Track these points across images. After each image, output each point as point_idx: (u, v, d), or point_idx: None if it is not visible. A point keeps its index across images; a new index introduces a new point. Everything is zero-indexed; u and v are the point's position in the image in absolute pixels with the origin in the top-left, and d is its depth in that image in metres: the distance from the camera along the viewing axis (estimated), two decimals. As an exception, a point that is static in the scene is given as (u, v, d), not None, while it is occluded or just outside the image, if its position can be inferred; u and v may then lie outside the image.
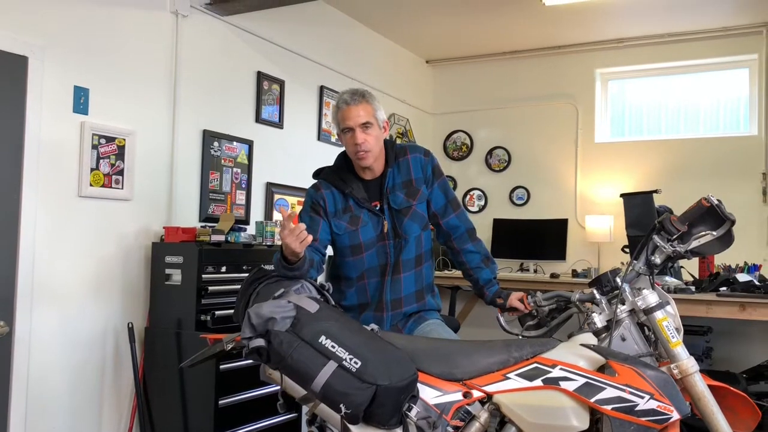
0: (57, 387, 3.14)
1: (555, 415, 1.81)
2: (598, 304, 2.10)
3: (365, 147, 2.35)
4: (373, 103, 2.40)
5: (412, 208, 2.46)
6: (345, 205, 2.44)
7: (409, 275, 2.47)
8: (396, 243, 2.44)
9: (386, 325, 2.44)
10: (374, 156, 2.40)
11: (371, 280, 2.46)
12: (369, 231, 2.42)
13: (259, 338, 1.84)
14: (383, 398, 1.78)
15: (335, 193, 2.45)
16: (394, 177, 2.47)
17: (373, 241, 2.43)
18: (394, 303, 2.45)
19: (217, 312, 3.28)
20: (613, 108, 5.94)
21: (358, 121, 2.34)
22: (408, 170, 2.48)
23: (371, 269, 2.45)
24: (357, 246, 2.43)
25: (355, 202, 2.43)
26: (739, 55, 5.34)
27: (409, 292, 2.47)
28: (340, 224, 2.43)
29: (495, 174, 6.23)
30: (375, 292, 2.46)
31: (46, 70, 3.06)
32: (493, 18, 5.24)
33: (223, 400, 3.19)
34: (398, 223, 2.44)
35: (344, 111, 2.36)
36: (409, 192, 2.46)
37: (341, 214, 2.43)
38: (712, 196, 2.03)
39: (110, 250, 3.38)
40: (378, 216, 2.43)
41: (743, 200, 5.14)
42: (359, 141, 2.34)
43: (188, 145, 3.82)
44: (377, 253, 2.44)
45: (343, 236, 2.43)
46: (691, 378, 1.92)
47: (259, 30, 4.33)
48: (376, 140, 2.38)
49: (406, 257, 2.46)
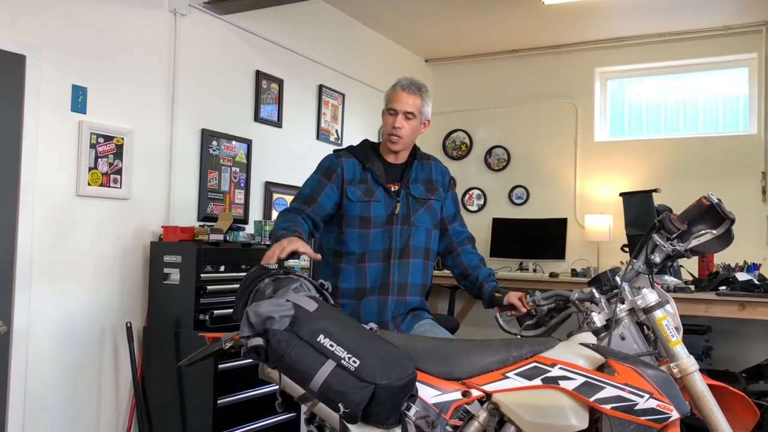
0: (55, 386, 3.14)
1: (554, 415, 1.81)
2: (598, 303, 2.09)
3: (400, 133, 2.50)
4: (424, 99, 2.56)
5: (429, 201, 2.58)
6: (363, 177, 2.54)
7: (418, 263, 2.52)
8: (403, 230, 2.49)
9: (389, 312, 2.45)
10: (404, 144, 2.55)
11: (372, 264, 2.48)
12: (380, 208, 2.49)
13: (257, 337, 1.83)
14: (382, 397, 1.78)
15: (356, 164, 2.56)
16: (418, 172, 2.60)
17: (382, 221, 2.49)
18: (401, 288, 2.47)
19: (215, 311, 3.29)
20: (612, 107, 5.94)
21: (404, 108, 2.50)
22: (430, 171, 2.64)
23: (374, 252, 2.48)
24: (366, 219, 2.49)
25: (372, 177, 2.53)
26: (738, 54, 5.33)
27: (415, 281, 2.51)
28: (355, 191, 2.51)
29: (494, 173, 6.22)
30: (376, 277, 2.47)
31: (43, 69, 3.06)
32: (493, 17, 5.23)
33: (221, 399, 3.19)
34: (413, 211, 2.52)
35: (397, 93, 2.54)
36: (429, 188, 2.59)
37: (358, 183, 2.53)
38: (711, 195, 2.02)
39: (108, 250, 3.37)
40: (392, 198, 2.51)
41: (743, 199, 5.14)
42: (397, 125, 2.50)
43: (187, 144, 3.81)
44: (383, 235, 2.48)
45: (355, 204, 2.50)
46: (690, 377, 1.92)
47: (257, 29, 4.33)
48: (412, 131, 2.54)
49: (417, 244, 2.52)
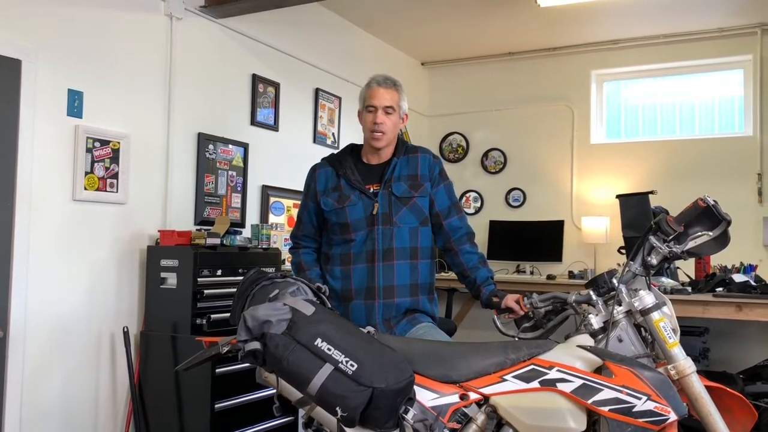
0: (52, 391, 3.12)
1: (552, 417, 1.81)
2: (595, 306, 2.09)
3: (382, 128, 2.50)
4: (400, 93, 2.57)
5: (413, 199, 2.54)
6: (336, 184, 2.56)
7: (403, 264, 2.50)
8: (386, 230, 2.48)
9: (378, 316, 2.45)
10: (387, 140, 2.54)
11: (357, 266, 2.49)
12: (358, 211, 2.50)
13: (254, 341, 1.83)
14: (380, 401, 1.78)
15: (329, 172, 2.58)
16: (401, 168, 2.57)
17: (362, 224, 2.49)
18: (387, 291, 2.47)
19: (212, 315, 3.28)
20: (608, 109, 5.95)
21: (382, 103, 2.51)
22: (416, 166, 2.58)
23: (358, 254, 2.49)
24: (344, 225, 2.51)
25: (346, 182, 2.54)
26: (733, 56, 5.35)
27: (402, 282, 2.49)
28: (327, 201, 2.55)
29: (491, 176, 6.23)
30: (361, 279, 2.48)
31: (39, 73, 3.05)
32: (488, 20, 5.24)
33: (219, 403, 3.18)
34: (395, 210, 2.50)
35: (373, 90, 2.53)
36: (413, 185, 2.55)
37: (330, 192, 2.56)
38: (708, 197, 2.02)
39: (105, 254, 3.37)
40: (370, 198, 2.51)
41: (739, 201, 5.15)
42: (378, 121, 2.50)
43: (183, 148, 3.81)
44: (366, 238, 2.49)
45: (330, 213, 2.54)
46: (688, 379, 1.92)
47: (254, 33, 4.33)
48: (393, 126, 2.54)
49: (400, 245, 2.50)
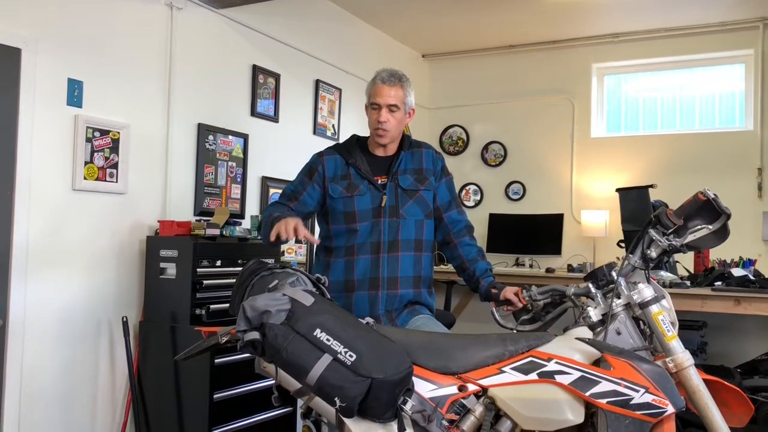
0: (51, 380, 3.13)
1: (550, 409, 1.81)
2: (594, 298, 2.09)
3: (386, 126, 2.49)
4: (406, 89, 2.53)
5: (419, 192, 2.54)
6: (345, 173, 2.54)
7: (408, 256, 2.50)
8: (392, 222, 2.48)
9: (381, 307, 2.44)
10: (391, 137, 2.53)
11: (361, 257, 2.47)
12: (366, 201, 2.49)
13: (253, 331, 1.83)
14: (378, 391, 1.78)
15: (338, 160, 2.56)
16: (407, 162, 2.57)
17: (368, 214, 2.48)
18: (391, 282, 2.46)
19: (212, 306, 3.28)
20: (609, 103, 5.94)
21: (387, 101, 2.48)
22: (420, 160, 2.60)
23: (363, 245, 2.48)
24: (351, 214, 2.49)
25: (356, 172, 2.53)
26: (735, 50, 5.34)
27: (406, 274, 2.49)
28: (336, 188, 2.52)
29: (491, 169, 6.22)
30: (365, 270, 2.47)
31: (39, 62, 3.04)
32: (490, 12, 5.23)
33: (217, 393, 3.19)
34: (401, 202, 2.51)
35: (377, 87, 2.50)
36: (419, 178, 2.56)
37: (339, 179, 2.53)
38: (708, 190, 2.02)
39: (104, 244, 3.37)
40: (378, 190, 2.50)
41: (739, 195, 5.15)
42: (382, 119, 2.48)
43: (183, 139, 3.80)
44: (371, 229, 2.48)
45: (337, 201, 2.51)
46: (686, 372, 1.92)
47: (254, 23, 4.31)
48: (397, 123, 2.52)
49: (406, 237, 2.50)
